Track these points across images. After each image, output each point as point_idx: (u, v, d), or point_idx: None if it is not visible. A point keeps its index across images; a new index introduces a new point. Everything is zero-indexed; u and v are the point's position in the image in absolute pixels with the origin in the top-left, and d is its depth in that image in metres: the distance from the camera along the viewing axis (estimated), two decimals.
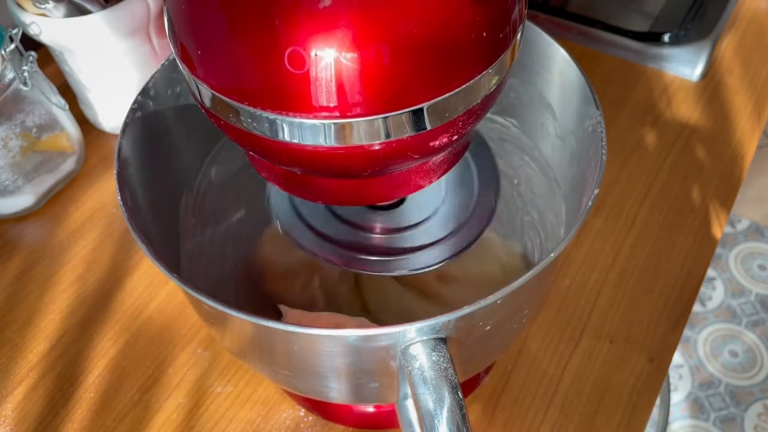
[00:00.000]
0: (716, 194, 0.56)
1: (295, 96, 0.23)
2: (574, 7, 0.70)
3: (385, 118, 0.24)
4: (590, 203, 0.30)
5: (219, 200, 0.44)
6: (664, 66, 0.65)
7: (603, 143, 0.32)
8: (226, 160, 0.43)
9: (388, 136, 0.24)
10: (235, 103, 0.24)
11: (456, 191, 0.40)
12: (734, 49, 0.67)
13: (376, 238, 0.38)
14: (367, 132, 0.24)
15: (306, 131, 0.24)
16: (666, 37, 0.65)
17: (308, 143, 0.24)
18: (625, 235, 0.53)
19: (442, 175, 0.30)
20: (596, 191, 0.31)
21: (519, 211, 0.45)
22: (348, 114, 0.23)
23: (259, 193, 0.41)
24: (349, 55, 0.22)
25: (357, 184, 0.28)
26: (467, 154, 0.40)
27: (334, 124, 0.24)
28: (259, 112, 0.24)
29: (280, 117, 0.24)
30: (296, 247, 0.38)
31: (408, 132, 0.24)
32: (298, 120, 0.24)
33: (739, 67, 0.66)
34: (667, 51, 0.65)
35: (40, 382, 0.47)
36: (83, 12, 0.53)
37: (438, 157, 0.29)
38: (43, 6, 0.51)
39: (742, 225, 1.40)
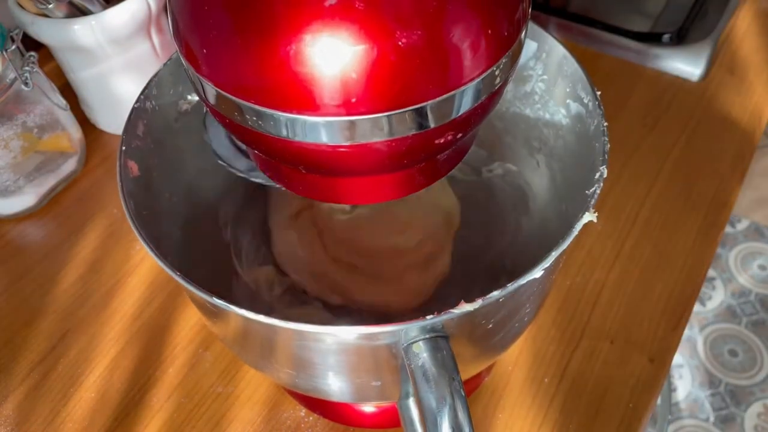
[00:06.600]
0: (716, 194, 0.56)
1: (299, 94, 0.23)
2: (574, 7, 0.70)
3: (389, 116, 0.24)
4: (593, 200, 0.30)
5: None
6: (665, 66, 0.65)
7: (605, 138, 0.32)
8: None
9: (391, 134, 0.24)
10: (240, 101, 0.24)
11: None
12: (735, 50, 0.67)
13: None
14: (371, 130, 0.24)
15: (310, 129, 0.24)
16: (667, 38, 0.66)
17: (312, 141, 0.24)
18: (626, 236, 0.53)
19: (446, 173, 0.30)
20: (598, 190, 0.31)
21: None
22: (352, 112, 0.23)
23: None
24: (355, 52, 0.22)
25: (363, 181, 0.29)
26: None
27: (339, 122, 0.24)
28: (263, 110, 0.24)
29: (284, 115, 0.24)
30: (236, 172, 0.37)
31: (412, 130, 0.24)
32: (302, 118, 0.24)
33: (740, 68, 0.66)
34: (667, 51, 0.65)
35: (41, 382, 0.47)
36: (84, 12, 0.53)
37: (442, 156, 0.29)
38: (44, 6, 0.51)
39: (742, 225, 1.40)
